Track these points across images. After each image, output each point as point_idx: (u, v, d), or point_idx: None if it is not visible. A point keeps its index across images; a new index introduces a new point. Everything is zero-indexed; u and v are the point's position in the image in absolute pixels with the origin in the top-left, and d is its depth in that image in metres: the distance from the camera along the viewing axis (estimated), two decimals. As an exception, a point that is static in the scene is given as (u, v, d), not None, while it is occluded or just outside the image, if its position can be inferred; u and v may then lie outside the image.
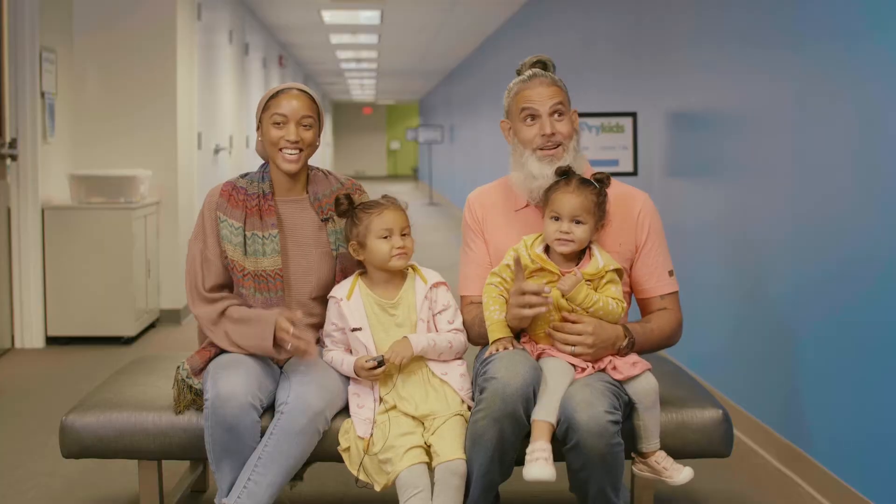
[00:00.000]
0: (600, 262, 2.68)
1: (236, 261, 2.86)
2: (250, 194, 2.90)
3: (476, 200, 2.96)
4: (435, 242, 10.95)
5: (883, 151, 3.03)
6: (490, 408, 2.51)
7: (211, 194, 2.94)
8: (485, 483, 2.58)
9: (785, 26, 3.72)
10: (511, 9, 9.96)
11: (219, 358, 2.82)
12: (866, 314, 3.12)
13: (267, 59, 11.66)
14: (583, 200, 2.66)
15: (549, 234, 2.68)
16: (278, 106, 2.86)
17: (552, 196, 2.69)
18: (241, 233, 2.87)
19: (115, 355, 5.43)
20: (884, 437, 3.03)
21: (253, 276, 2.85)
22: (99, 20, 6.25)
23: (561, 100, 2.82)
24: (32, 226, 5.61)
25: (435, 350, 2.74)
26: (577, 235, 2.65)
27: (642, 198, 2.90)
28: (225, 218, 2.89)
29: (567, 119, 2.84)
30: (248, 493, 2.63)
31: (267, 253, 2.85)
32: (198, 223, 2.95)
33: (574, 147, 2.83)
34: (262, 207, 2.88)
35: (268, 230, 2.86)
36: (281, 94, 2.89)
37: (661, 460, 2.71)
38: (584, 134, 5.01)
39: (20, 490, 3.43)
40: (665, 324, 2.83)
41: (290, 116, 2.85)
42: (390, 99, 28.71)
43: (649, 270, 2.85)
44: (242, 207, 2.88)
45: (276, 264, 2.85)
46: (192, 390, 2.82)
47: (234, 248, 2.86)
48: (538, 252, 2.68)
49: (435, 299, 2.81)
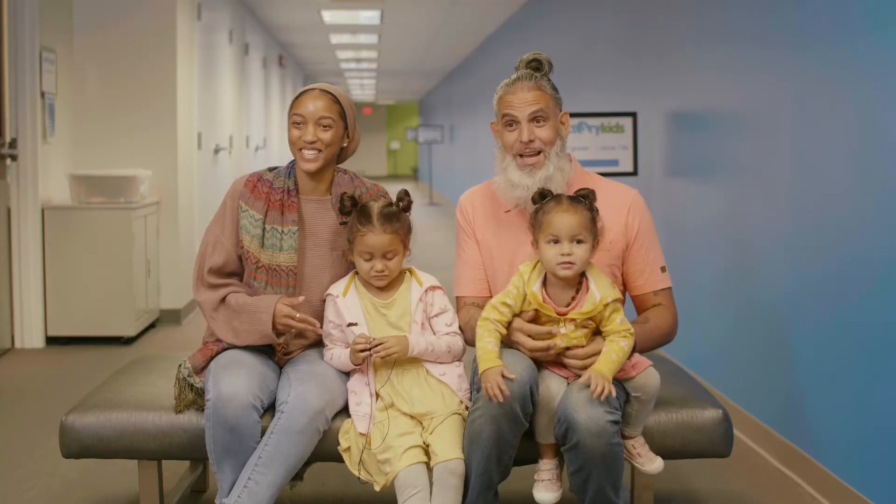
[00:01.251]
0: (597, 296, 2.59)
1: (252, 252, 2.88)
2: (275, 188, 2.92)
3: (467, 201, 2.96)
4: (434, 242, 10.96)
5: (883, 151, 3.03)
6: (488, 406, 2.51)
7: (236, 183, 2.97)
8: (483, 482, 2.58)
9: (785, 26, 3.72)
10: (511, 9, 9.96)
11: (220, 357, 2.82)
12: (866, 314, 3.12)
13: (267, 59, 11.66)
14: (580, 218, 2.58)
15: (549, 260, 2.58)
16: (298, 106, 2.89)
17: (546, 219, 2.60)
18: (261, 225, 2.88)
19: (115, 355, 5.43)
20: (884, 437, 3.03)
21: (266, 269, 2.86)
22: (99, 20, 6.25)
23: (542, 106, 2.78)
24: (32, 226, 5.61)
25: (432, 354, 2.75)
26: (578, 256, 2.56)
27: (631, 194, 2.88)
28: (247, 208, 2.90)
29: (549, 125, 2.79)
30: (249, 493, 2.63)
31: (284, 248, 2.87)
32: (220, 209, 2.97)
33: (557, 153, 2.79)
34: (285, 203, 2.90)
35: (288, 226, 2.88)
36: (304, 94, 2.91)
37: (638, 446, 2.72)
38: (585, 134, 5.01)
39: (20, 490, 3.43)
40: (662, 321, 2.82)
41: (307, 117, 2.87)
42: (390, 99, 28.71)
43: (641, 267, 2.84)
44: (265, 200, 2.90)
45: (292, 260, 2.87)
46: (193, 389, 2.82)
47: (252, 238, 2.88)
48: (535, 291, 2.60)
49: (431, 303, 2.82)
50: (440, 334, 2.79)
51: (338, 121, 2.90)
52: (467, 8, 10.06)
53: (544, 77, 2.84)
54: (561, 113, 2.85)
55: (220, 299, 2.86)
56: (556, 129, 2.81)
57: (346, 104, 2.95)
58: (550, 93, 2.82)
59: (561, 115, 2.85)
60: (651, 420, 2.76)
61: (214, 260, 2.91)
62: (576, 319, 2.59)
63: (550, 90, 2.83)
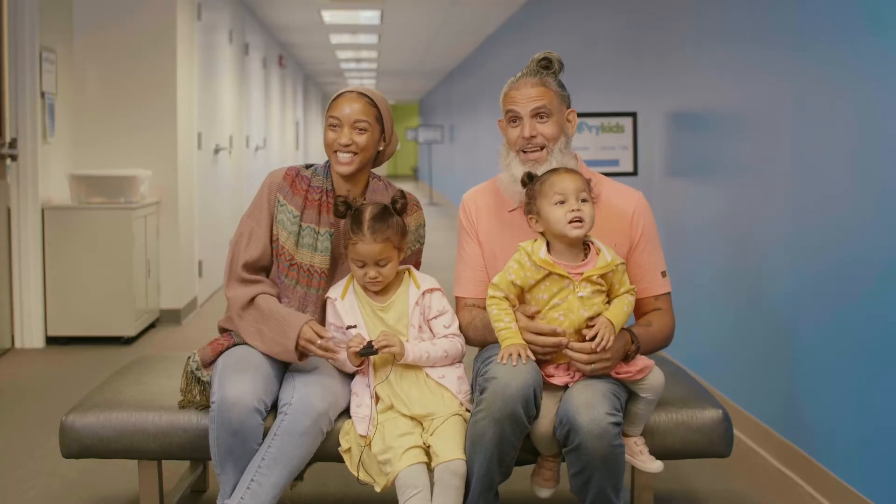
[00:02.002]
0: (608, 256, 2.62)
1: (287, 248, 2.85)
2: (314, 186, 2.89)
3: (470, 200, 2.95)
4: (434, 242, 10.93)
5: (883, 151, 3.03)
6: (490, 408, 2.51)
7: (273, 175, 2.92)
8: (484, 483, 2.58)
9: (785, 26, 3.72)
10: (511, 9, 9.96)
11: (229, 353, 2.81)
12: (866, 314, 3.12)
13: (267, 59, 11.66)
14: (581, 180, 2.61)
15: (558, 221, 2.57)
16: (334, 108, 2.85)
17: (548, 183, 2.60)
18: (298, 222, 2.85)
19: (115, 355, 5.43)
20: (884, 437, 3.03)
21: (299, 267, 2.84)
22: (99, 20, 6.25)
23: (545, 101, 2.77)
24: (32, 226, 5.61)
25: (428, 361, 2.73)
26: (586, 213, 2.58)
27: (637, 196, 2.88)
28: (285, 202, 2.87)
29: (553, 121, 2.78)
30: (252, 494, 2.63)
31: (319, 249, 2.84)
32: (255, 202, 2.91)
33: (560, 149, 2.78)
34: (323, 203, 2.87)
35: (325, 227, 2.85)
36: (340, 96, 2.87)
37: (639, 444, 2.72)
38: (585, 134, 5.01)
39: (20, 490, 3.43)
40: (664, 326, 2.83)
41: (343, 120, 2.83)
42: (390, 99, 28.71)
43: (642, 271, 2.84)
44: (303, 196, 2.87)
45: (325, 262, 2.84)
46: (199, 383, 2.81)
47: (289, 235, 2.85)
48: (543, 257, 2.59)
49: (429, 305, 2.80)
50: (438, 336, 2.78)
51: (374, 124, 2.86)
52: (467, 8, 10.06)
53: (552, 74, 2.83)
54: (567, 111, 2.84)
55: (250, 299, 2.82)
56: (560, 126, 2.80)
57: (383, 108, 2.90)
58: (556, 89, 2.81)
59: (567, 112, 2.84)
60: (651, 420, 2.76)
61: (250, 254, 2.86)
62: (591, 277, 2.58)
63: (556, 87, 2.82)
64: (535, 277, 2.59)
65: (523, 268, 2.59)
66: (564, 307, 2.58)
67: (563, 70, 2.87)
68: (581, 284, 2.58)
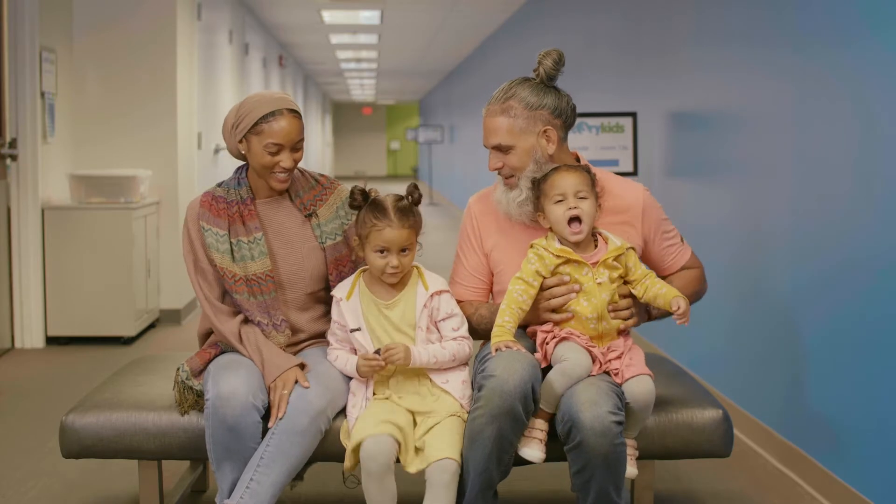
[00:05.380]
0: (616, 241, 2.72)
1: (225, 268, 2.84)
2: (230, 202, 2.88)
3: (476, 206, 2.94)
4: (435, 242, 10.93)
5: (883, 151, 3.03)
6: (488, 405, 2.51)
7: (191, 206, 2.91)
8: (483, 481, 2.57)
9: (785, 26, 3.72)
10: (511, 9, 9.96)
11: (219, 358, 2.82)
12: (866, 314, 3.12)
13: (267, 59, 11.66)
14: (581, 176, 2.68)
15: (558, 219, 2.67)
16: (272, 134, 2.78)
17: (549, 182, 2.69)
18: (227, 240, 2.85)
19: (115, 355, 5.43)
20: (884, 437, 3.03)
21: (245, 280, 2.84)
22: (99, 20, 6.25)
23: (501, 137, 2.76)
24: (32, 226, 5.61)
25: (436, 365, 2.72)
26: (585, 211, 2.65)
27: (641, 190, 2.90)
28: (209, 227, 2.86)
29: (515, 151, 2.76)
30: (251, 493, 2.63)
31: (255, 257, 2.84)
32: (184, 238, 2.91)
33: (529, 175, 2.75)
34: (244, 213, 2.87)
35: (252, 234, 2.85)
36: (273, 118, 2.79)
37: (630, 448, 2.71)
38: (585, 134, 5.01)
39: (20, 490, 3.43)
40: (699, 272, 2.98)
41: (285, 144, 2.81)
42: (390, 99, 28.71)
43: (669, 251, 2.93)
44: (225, 216, 2.86)
45: (266, 266, 2.84)
46: (192, 391, 2.81)
47: (222, 255, 2.84)
48: (558, 247, 2.68)
49: (437, 307, 2.77)
50: (447, 339, 2.76)
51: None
52: (467, 8, 10.06)
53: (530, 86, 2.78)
54: (542, 129, 2.77)
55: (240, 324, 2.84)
56: (527, 153, 2.76)
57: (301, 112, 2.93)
58: (521, 112, 2.75)
59: (542, 130, 2.77)
60: (651, 420, 2.76)
61: (213, 289, 2.87)
62: (607, 261, 2.68)
63: (522, 109, 2.75)
64: (555, 263, 2.68)
65: (542, 257, 2.69)
66: (586, 292, 2.67)
67: (559, 71, 2.81)
68: (599, 270, 2.68)
